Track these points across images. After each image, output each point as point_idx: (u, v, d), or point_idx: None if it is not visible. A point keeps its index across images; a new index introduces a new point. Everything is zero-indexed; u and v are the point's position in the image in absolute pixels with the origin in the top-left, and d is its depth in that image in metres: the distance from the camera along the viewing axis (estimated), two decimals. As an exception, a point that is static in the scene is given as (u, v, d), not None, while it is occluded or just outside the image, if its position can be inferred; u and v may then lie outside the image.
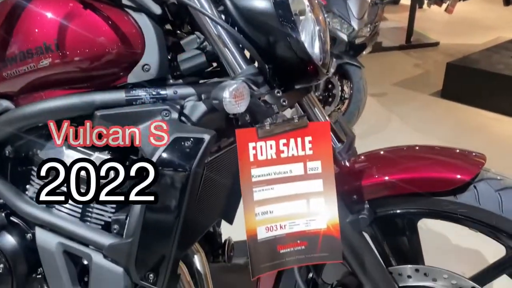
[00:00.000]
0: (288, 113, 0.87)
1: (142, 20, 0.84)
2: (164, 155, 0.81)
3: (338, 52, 2.90)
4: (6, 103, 0.94)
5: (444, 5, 5.03)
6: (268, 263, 0.77)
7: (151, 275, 0.87)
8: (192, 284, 1.06)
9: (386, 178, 0.86)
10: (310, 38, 0.83)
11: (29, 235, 0.97)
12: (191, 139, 0.81)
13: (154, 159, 0.80)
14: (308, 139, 0.77)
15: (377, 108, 3.64)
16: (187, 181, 0.80)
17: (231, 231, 1.26)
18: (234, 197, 1.19)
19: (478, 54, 4.14)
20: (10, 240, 0.96)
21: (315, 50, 0.84)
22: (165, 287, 0.87)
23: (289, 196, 0.77)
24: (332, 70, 3.01)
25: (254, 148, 0.75)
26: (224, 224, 1.23)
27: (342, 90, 3.00)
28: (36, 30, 0.84)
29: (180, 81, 0.89)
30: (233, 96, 0.73)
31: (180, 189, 0.81)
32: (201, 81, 0.93)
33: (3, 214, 0.97)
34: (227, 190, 1.15)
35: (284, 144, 0.76)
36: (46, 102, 0.88)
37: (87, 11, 0.82)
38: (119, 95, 0.85)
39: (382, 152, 0.95)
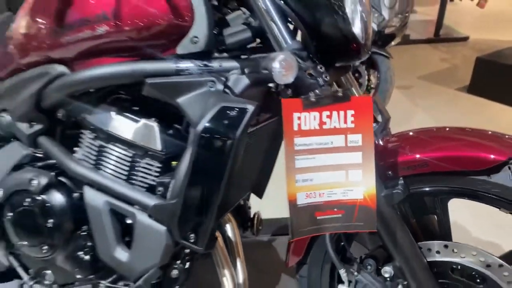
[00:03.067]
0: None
1: None
2: (211, 122, 0.85)
3: (366, 41, 2.90)
4: (61, 68, 0.99)
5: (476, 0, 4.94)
6: (306, 227, 0.82)
7: (192, 235, 0.92)
8: (225, 250, 1.12)
9: (419, 156, 0.89)
10: (355, 17, 0.86)
11: (76, 194, 1.03)
12: (236, 108, 0.84)
13: (201, 126, 0.85)
14: (350, 112, 0.80)
15: (402, 101, 3.63)
16: (231, 148, 0.84)
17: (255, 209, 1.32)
18: (265, 173, 1.24)
19: (510, 50, 4.01)
20: (59, 197, 1.03)
21: (358, 29, 0.86)
22: (204, 247, 0.93)
23: (329, 166, 0.81)
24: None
25: (299, 118, 0.78)
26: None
27: (369, 80, 3.00)
28: None
29: (225, 54, 0.93)
30: (283, 67, 0.76)
31: (224, 155, 0.85)
32: (242, 56, 0.96)
33: (52, 174, 1.04)
34: (259, 165, 1.20)
35: (327, 116, 0.80)
36: (98, 68, 0.93)
37: None
38: (169, 65, 0.89)
39: (414, 133, 0.98)
